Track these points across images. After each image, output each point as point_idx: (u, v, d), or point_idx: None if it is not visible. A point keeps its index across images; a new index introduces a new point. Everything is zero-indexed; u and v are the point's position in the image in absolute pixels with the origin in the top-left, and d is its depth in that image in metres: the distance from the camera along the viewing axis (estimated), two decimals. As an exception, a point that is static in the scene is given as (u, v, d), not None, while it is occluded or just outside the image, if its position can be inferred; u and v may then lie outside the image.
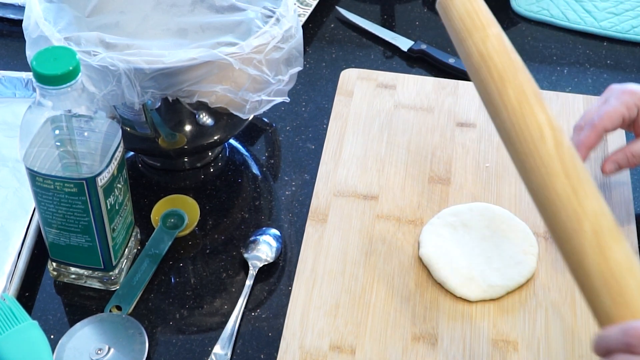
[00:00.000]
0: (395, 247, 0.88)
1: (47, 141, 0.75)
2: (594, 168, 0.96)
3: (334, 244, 0.88)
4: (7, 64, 1.10)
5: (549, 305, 0.83)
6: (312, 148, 1.01)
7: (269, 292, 0.86)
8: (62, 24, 0.85)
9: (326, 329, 0.81)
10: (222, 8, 0.94)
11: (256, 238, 0.90)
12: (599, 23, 1.18)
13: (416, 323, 0.82)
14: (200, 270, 0.88)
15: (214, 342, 0.81)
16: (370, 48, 1.16)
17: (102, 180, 0.76)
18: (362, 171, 0.96)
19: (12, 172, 0.95)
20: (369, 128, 1.01)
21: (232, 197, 0.96)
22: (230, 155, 1.00)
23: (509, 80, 0.69)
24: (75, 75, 0.71)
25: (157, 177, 0.98)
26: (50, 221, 0.79)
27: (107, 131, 0.76)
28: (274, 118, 1.05)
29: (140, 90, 0.79)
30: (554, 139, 0.66)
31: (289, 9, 0.87)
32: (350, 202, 0.92)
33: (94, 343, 0.79)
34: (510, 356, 0.79)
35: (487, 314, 0.83)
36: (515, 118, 0.67)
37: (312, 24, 1.19)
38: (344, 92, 1.05)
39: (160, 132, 0.88)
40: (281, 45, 0.84)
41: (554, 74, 1.12)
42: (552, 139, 0.66)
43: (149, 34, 0.94)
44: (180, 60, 0.79)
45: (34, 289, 0.86)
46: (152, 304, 0.85)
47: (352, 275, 0.86)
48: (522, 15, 1.21)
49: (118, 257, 0.84)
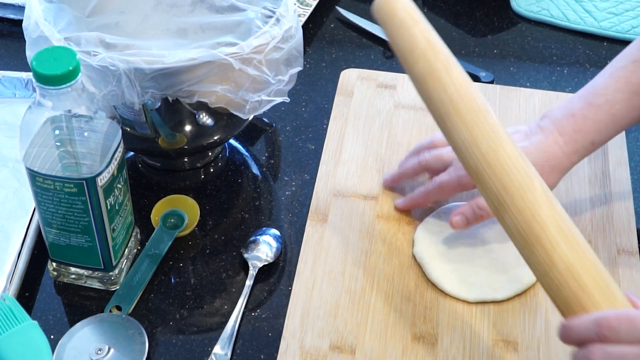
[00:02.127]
0: (395, 247, 0.88)
1: (47, 141, 0.75)
2: (593, 168, 0.96)
3: (334, 244, 0.88)
4: (7, 64, 1.10)
5: (549, 305, 0.83)
6: (312, 148, 1.01)
7: (269, 292, 0.86)
8: (62, 24, 0.85)
9: (326, 329, 0.81)
10: (222, 8, 0.94)
11: (256, 238, 0.90)
12: (599, 23, 1.18)
13: (416, 323, 0.82)
14: (200, 270, 0.88)
15: (214, 342, 0.81)
16: (370, 48, 1.16)
17: (102, 180, 0.76)
18: (362, 171, 0.96)
19: (12, 172, 0.95)
20: (369, 128, 1.01)
21: (232, 197, 0.96)
22: (230, 155, 1.00)
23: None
24: (75, 75, 0.71)
25: (157, 177, 0.98)
26: (50, 221, 0.79)
27: (107, 131, 0.76)
28: (274, 118, 1.05)
29: (140, 90, 0.79)
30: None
31: (289, 9, 0.87)
32: (350, 202, 0.92)
33: (94, 343, 0.79)
34: (510, 356, 0.79)
35: (487, 314, 0.83)
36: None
37: (312, 24, 1.19)
38: (344, 92, 1.05)
39: (160, 132, 0.88)
40: (281, 46, 0.84)
41: (554, 74, 1.12)
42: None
43: (149, 34, 0.94)
44: (180, 61, 0.79)
45: (34, 289, 0.86)
46: (152, 304, 0.85)
47: (352, 275, 0.86)
48: (522, 15, 1.21)
49: (118, 257, 0.84)
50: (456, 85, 0.70)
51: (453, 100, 0.69)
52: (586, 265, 0.65)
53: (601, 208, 0.92)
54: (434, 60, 0.71)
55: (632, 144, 1.02)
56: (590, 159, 0.96)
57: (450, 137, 0.71)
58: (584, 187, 0.94)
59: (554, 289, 0.66)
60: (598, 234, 0.89)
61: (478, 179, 0.69)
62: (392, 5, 0.73)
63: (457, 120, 0.69)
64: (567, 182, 0.94)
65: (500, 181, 0.67)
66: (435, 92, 0.70)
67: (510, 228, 0.67)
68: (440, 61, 0.71)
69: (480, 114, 0.69)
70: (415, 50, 0.71)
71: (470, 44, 1.17)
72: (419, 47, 0.71)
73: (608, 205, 0.92)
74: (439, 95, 0.70)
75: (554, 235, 0.65)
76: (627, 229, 0.90)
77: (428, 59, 0.71)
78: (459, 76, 0.70)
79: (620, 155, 0.97)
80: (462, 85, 0.70)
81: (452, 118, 0.69)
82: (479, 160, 0.68)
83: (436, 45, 0.71)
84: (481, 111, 0.69)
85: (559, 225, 0.66)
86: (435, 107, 0.71)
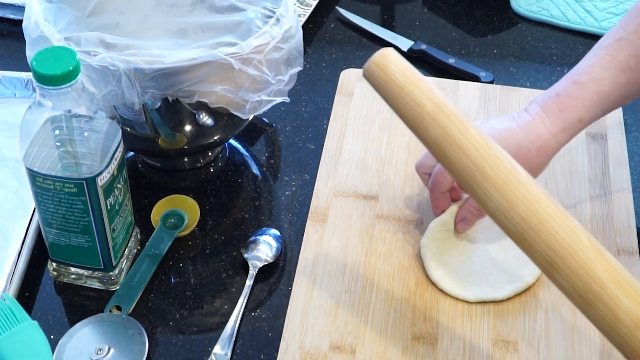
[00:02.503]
0: (395, 247, 0.88)
1: (47, 141, 0.75)
2: (593, 168, 0.96)
3: (334, 244, 0.88)
4: (7, 64, 1.10)
5: (549, 305, 0.83)
6: (312, 148, 1.01)
7: (269, 292, 0.86)
8: (62, 24, 0.85)
9: (326, 329, 0.81)
10: (222, 8, 0.94)
11: (256, 238, 0.90)
12: (599, 23, 1.18)
13: (416, 323, 0.82)
14: (200, 270, 0.88)
15: (214, 342, 0.81)
16: (370, 48, 1.16)
17: (102, 180, 0.76)
18: (362, 171, 0.96)
19: (12, 172, 0.95)
20: (369, 128, 1.01)
21: (232, 197, 0.96)
22: (230, 155, 1.00)
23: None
24: (75, 75, 0.71)
25: (157, 177, 0.98)
26: (50, 221, 0.79)
27: (107, 131, 0.76)
28: (274, 118, 1.04)
29: (140, 90, 0.79)
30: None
31: (289, 9, 0.87)
32: (350, 202, 0.92)
33: (94, 343, 0.79)
34: (510, 356, 0.79)
35: (487, 314, 0.83)
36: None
37: (312, 24, 1.18)
38: (344, 92, 1.05)
39: (160, 132, 0.88)
40: (281, 46, 0.84)
41: (554, 74, 1.12)
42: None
43: (149, 34, 0.94)
44: (180, 61, 0.79)
45: (34, 289, 0.86)
46: (152, 304, 0.85)
47: (352, 275, 0.86)
48: (522, 15, 1.21)
49: (118, 257, 0.84)
50: (477, 149, 0.65)
51: (478, 165, 0.65)
52: None
53: (601, 208, 0.92)
54: (447, 124, 0.65)
55: (632, 144, 1.02)
56: (590, 159, 0.96)
57: (482, 203, 0.66)
58: (584, 187, 0.94)
59: (620, 342, 0.63)
60: (598, 234, 0.89)
61: (521, 241, 0.65)
62: (386, 70, 0.67)
63: (487, 186, 0.65)
64: (567, 182, 0.94)
65: (546, 243, 0.64)
66: (456, 158, 0.65)
67: (565, 287, 0.64)
68: (454, 124, 0.65)
69: (511, 175, 0.65)
70: (423, 115, 0.66)
71: (470, 44, 1.16)
72: (426, 112, 0.66)
73: (608, 205, 0.92)
74: (460, 161, 0.65)
75: (613, 291, 0.62)
76: (627, 229, 0.90)
77: (440, 124, 0.66)
78: (477, 137, 0.65)
79: (620, 155, 0.97)
80: (483, 147, 0.65)
81: (481, 184, 0.65)
82: (519, 225, 0.64)
83: (444, 107, 0.66)
84: (510, 172, 0.65)
85: (616, 279, 0.63)
86: (459, 173, 0.66)
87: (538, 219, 0.64)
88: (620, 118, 1.02)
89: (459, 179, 0.67)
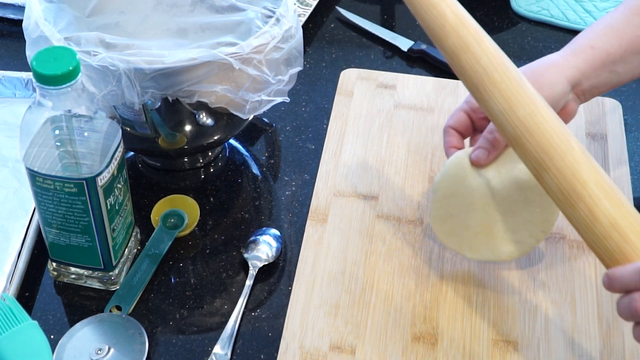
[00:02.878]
0: (395, 247, 0.88)
1: (47, 141, 0.75)
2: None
3: (334, 244, 0.88)
4: (7, 64, 1.10)
5: (549, 305, 0.83)
6: (312, 148, 1.01)
7: (269, 292, 0.86)
8: (62, 24, 0.85)
9: (326, 329, 0.81)
10: (222, 8, 0.94)
11: (256, 238, 0.90)
12: (599, 23, 1.18)
13: (416, 323, 0.82)
14: (200, 270, 0.88)
15: (214, 342, 0.81)
16: (370, 48, 1.16)
17: (102, 180, 0.76)
18: (362, 171, 0.96)
19: (12, 172, 0.95)
20: (369, 128, 1.01)
21: (232, 197, 0.96)
22: (230, 155, 1.00)
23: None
24: (75, 75, 0.71)
25: (157, 177, 0.98)
26: (50, 221, 0.79)
27: (107, 131, 0.76)
28: (274, 118, 1.05)
29: (140, 90, 0.79)
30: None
31: (289, 9, 0.87)
32: (350, 202, 0.92)
33: (94, 343, 0.79)
34: (510, 356, 0.79)
35: (487, 314, 0.83)
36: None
37: (312, 24, 1.19)
38: (344, 92, 1.05)
39: (160, 132, 0.88)
40: (281, 45, 0.84)
41: (554, 74, 1.12)
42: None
43: (149, 34, 0.94)
44: (180, 61, 0.79)
45: (34, 289, 0.86)
46: (152, 304, 0.85)
47: (352, 275, 0.86)
48: (522, 15, 1.21)
49: (118, 257, 0.84)
50: (489, 56, 0.72)
51: (487, 71, 0.72)
52: (628, 218, 0.68)
53: (601, 208, 0.92)
54: (465, 34, 0.73)
55: (632, 144, 1.02)
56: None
57: (486, 106, 0.73)
58: (584, 187, 0.94)
59: (597, 242, 0.68)
60: (598, 234, 0.89)
61: (517, 144, 0.72)
62: None
63: (492, 90, 0.72)
64: (567, 182, 0.94)
65: (540, 144, 0.70)
66: (469, 64, 0.73)
67: (552, 187, 0.70)
68: (471, 34, 0.73)
69: (515, 82, 0.72)
70: (445, 25, 0.73)
71: (470, 44, 1.16)
72: (448, 22, 0.73)
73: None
74: (472, 67, 0.73)
75: (595, 192, 0.68)
76: (627, 229, 0.90)
77: (459, 33, 0.73)
78: (490, 47, 0.73)
79: (620, 155, 0.97)
80: (494, 55, 0.73)
81: (488, 88, 0.72)
82: (517, 127, 0.71)
83: (465, 19, 0.74)
84: (515, 79, 0.72)
85: (599, 183, 0.69)
86: (470, 78, 0.73)
87: (535, 122, 0.71)
88: (620, 118, 1.02)
89: (468, 83, 0.74)
